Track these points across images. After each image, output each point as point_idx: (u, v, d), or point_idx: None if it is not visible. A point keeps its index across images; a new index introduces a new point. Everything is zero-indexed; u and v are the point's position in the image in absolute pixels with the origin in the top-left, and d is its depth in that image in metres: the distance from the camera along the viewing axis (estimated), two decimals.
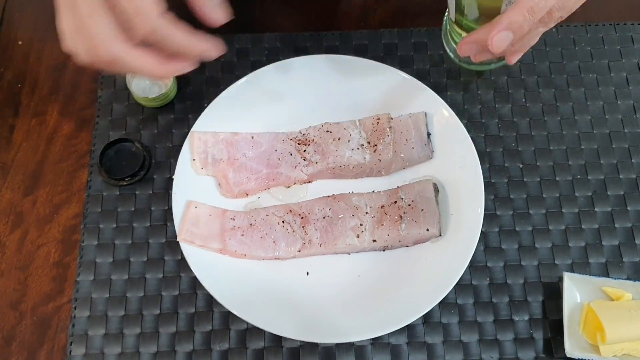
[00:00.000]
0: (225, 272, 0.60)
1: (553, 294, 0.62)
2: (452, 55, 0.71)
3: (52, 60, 0.73)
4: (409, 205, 0.62)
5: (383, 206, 0.62)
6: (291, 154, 0.64)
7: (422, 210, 0.61)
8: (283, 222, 0.62)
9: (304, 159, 0.64)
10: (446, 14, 0.69)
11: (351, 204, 0.62)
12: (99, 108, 0.70)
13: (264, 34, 0.73)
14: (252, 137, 0.65)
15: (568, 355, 0.58)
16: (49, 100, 0.71)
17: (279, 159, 0.64)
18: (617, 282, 0.60)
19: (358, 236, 0.61)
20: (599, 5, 0.75)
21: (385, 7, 0.76)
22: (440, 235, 0.61)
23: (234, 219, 0.62)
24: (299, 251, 0.61)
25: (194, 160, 0.63)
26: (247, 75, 0.66)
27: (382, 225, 0.61)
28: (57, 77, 0.72)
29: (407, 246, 0.62)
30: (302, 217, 0.62)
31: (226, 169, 0.63)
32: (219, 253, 0.61)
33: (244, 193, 0.64)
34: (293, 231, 0.62)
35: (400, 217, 0.61)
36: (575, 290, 0.60)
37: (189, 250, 0.60)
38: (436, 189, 0.62)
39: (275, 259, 0.61)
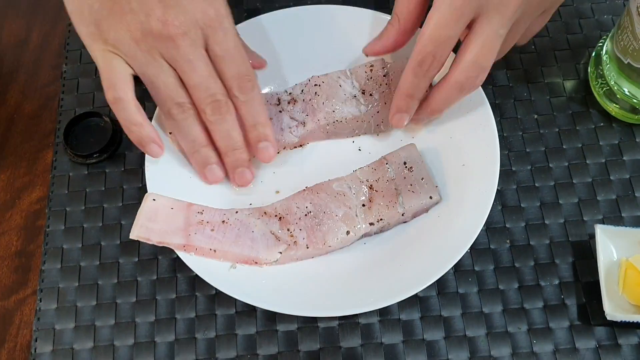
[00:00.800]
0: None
1: (584, 254, 0.54)
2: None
3: (12, 37, 0.66)
4: (401, 175, 0.54)
5: (371, 186, 0.54)
6: (278, 115, 0.57)
7: (421, 177, 0.54)
8: (260, 222, 0.53)
9: (293, 119, 0.57)
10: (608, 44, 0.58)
11: (333, 192, 0.54)
12: (63, 84, 0.63)
13: None
14: None
15: (609, 318, 0.50)
16: (9, 78, 0.64)
17: None
18: None
19: (352, 226, 0.53)
20: None
21: None
22: (441, 199, 0.54)
23: (201, 213, 0.53)
24: (280, 253, 0.52)
25: (170, 133, 0.56)
26: None
27: (376, 205, 0.53)
28: (17, 54, 0.65)
29: (405, 222, 0.54)
30: (280, 218, 0.53)
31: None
32: (182, 250, 0.51)
33: None
34: (272, 233, 0.53)
35: (396, 189, 0.54)
36: (611, 245, 0.52)
37: None
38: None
39: (254, 262, 0.52)
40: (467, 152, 0.55)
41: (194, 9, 0.46)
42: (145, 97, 0.53)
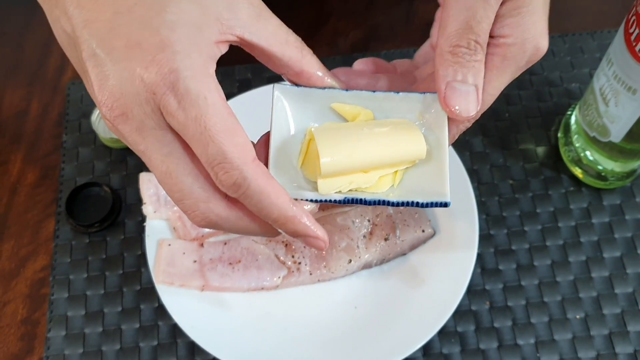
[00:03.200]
0: (207, 315, 0.56)
1: (558, 313, 0.59)
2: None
3: (12, 107, 0.69)
4: (398, 211, 0.59)
5: (370, 219, 0.59)
6: None
7: (415, 213, 0.59)
8: (264, 248, 0.58)
9: None
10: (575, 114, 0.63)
11: (337, 224, 0.59)
12: (64, 153, 0.66)
13: (234, 66, 0.71)
14: None
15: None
16: (11, 148, 0.67)
17: None
18: (352, 95, 0.41)
19: (353, 256, 0.57)
20: (573, 16, 0.73)
21: (356, 31, 0.74)
22: (435, 233, 0.59)
23: (211, 252, 0.58)
24: (282, 279, 0.57)
25: (144, 203, 0.60)
26: None
27: (376, 237, 0.58)
28: (19, 124, 0.68)
29: (404, 254, 0.59)
30: (286, 245, 0.58)
31: (181, 211, 0.59)
32: (200, 290, 0.57)
33: (204, 237, 0.59)
34: (277, 256, 0.58)
35: (393, 223, 0.58)
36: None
37: (167, 296, 0.56)
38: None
39: (262, 289, 0.57)
40: (447, 218, 0.59)
41: (130, 74, 0.33)
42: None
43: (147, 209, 0.59)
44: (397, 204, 0.40)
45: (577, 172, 0.63)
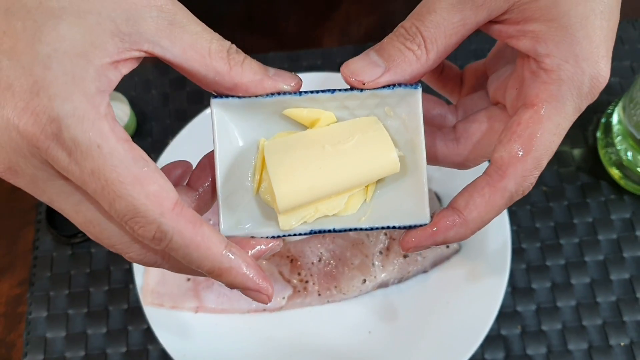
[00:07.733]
0: (201, 341, 0.50)
1: (599, 338, 0.52)
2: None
3: None
4: None
5: (387, 233, 0.53)
6: None
7: None
8: (267, 264, 0.52)
9: None
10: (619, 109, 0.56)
11: (350, 239, 0.52)
12: None
13: None
14: None
15: (224, 234, 0.32)
16: None
17: None
18: (307, 99, 0.33)
19: (367, 275, 0.51)
20: None
21: (371, 18, 0.67)
22: (460, 248, 0.53)
23: None
24: (287, 299, 0.51)
25: None
26: None
27: (394, 254, 0.52)
28: None
29: (425, 272, 0.53)
30: (292, 260, 0.52)
31: None
32: (194, 312, 0.51)
33: None
34: (281, 274, 0.52)
35: None
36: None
37: (156, 320, 0.50)
38: (438, 198, 0.54)
39: (263, 310, 0.51)
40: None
41: (4, 124, 0.27)
42: None
43: None
44: (370, 229, 0.34)
45: (619, 177, 0.56)
